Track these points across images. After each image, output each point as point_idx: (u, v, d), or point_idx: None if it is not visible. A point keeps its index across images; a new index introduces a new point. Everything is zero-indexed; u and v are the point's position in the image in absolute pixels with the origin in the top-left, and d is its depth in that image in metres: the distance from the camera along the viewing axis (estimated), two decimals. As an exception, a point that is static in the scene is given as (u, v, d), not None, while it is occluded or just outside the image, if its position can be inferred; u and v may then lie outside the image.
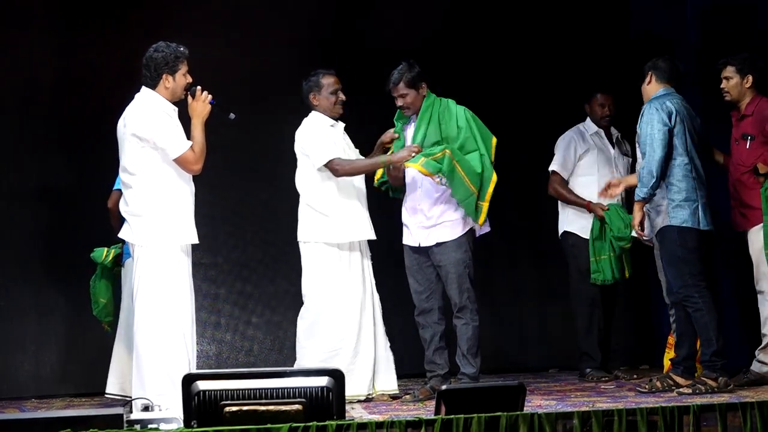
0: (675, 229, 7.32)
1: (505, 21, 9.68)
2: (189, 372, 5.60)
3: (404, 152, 7.51)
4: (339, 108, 7.68)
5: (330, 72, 7.70)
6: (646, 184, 7.30)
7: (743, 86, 7.68)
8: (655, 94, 7.47)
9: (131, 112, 6.76)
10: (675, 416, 5.49)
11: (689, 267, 7.30)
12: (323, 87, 7.67)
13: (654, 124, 7.32)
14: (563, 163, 8.61)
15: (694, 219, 7.31)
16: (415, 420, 5.31)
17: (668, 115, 7.33)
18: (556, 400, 7.23)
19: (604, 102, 8.67)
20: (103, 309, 7.86)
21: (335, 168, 7.51)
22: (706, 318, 7.26)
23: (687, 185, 7.33)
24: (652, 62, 7.54)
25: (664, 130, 7.29)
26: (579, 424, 5.39)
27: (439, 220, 7.58)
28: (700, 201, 7.33)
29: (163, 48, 6.78)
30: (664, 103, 7.37)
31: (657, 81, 7.51)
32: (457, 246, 7.56)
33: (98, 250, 7.82)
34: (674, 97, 7.46)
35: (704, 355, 7.30)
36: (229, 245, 9.25)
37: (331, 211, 7.56)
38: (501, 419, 5.26)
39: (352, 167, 7.55)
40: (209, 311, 9.13)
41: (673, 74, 7.52)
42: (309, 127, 7.67)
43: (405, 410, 7.02)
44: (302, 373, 5.46)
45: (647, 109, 7.40)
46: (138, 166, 6.70)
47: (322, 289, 7.54)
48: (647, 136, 7.32)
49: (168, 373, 6.49)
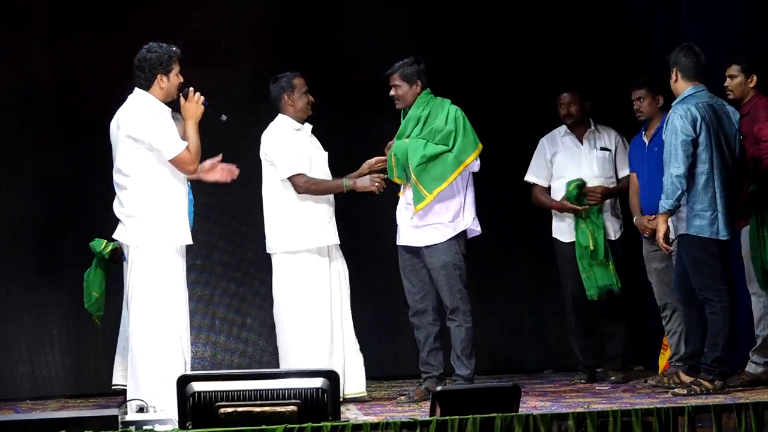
0: (694, 238, 7.28)
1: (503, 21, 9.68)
2: (184, 373, 5.59)
3: (367, 181, 7.55)
4: (309, 110, 7.69)
5: (297, 73, 7.70)
6: (671, 197, 7.22)
7: (747, 85, 7.69)
8: (683, 93, 7.36)
9: (125, 113, 6.76)
10: (670, 417, 5.49)
11: (709, 270, 7.28)
12: (296, 87, 7.66)
13: (678, 134, 7.22)
14: (535, 171, 8.56)
15: (712, 229, 7.24)
16: (411, 421, 5.31)
17: (693, 124, 7.22)
18: (551, 401, 7.23)
19: (565, 101, 8.52)
20: (95, 303, 7.82)
21: (298, 185, 7.51)
22: (719, 324, 7.24)
23: (707, 195, 7.25)
24: (675, 57, 7.42)
25: (688, 141, 7.20)
26: (574, 425, 5.39)
27: (429, 222, 7.58)
28: (720, 211, 7.24)
29: (156, 48, 6.78)
30: (689, 109, 7.25)
31: (684, 79, 7.39)
32: (447, 248, 7.56)
33: (98, 241, 7.77)
34: (701, 97, 7.33)
35: (706, 358, 7.30)
36: (223, 247, 9.25)
37: (296, 219, 7.54)
38: (496, 420, 5.26)
39: (316, 187, 7.54)
40: (203, 313, 9.12)
41: (698, 69, 7.39)
42: (275, 133, 7.65)
43: (400, 411, 7.02)
44: (297, 374, 5.46)
45: (672, 116, 7.29)
46: (133, 168, 6.69)
47: (292, 296, 7.53)
48: (671, 146, 7.23)
49: (163, 374, 6.48)
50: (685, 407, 5.54)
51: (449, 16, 9.58)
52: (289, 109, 7.68)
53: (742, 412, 5.57)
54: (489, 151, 7.77)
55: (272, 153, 7.59)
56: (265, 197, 7.67)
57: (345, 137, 8.04)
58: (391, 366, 9.18)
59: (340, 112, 8.19)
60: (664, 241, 7.35)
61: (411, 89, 7.62)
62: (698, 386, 7.18)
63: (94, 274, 7.80)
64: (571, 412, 5.45)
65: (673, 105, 7.38)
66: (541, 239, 8.98)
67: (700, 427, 5.56)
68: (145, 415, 5.62)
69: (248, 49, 9.28)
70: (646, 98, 8.10)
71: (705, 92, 7.38)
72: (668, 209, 7.26)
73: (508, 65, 9.60)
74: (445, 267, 7.55)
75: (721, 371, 7.23)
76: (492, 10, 9.65)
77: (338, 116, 8.74)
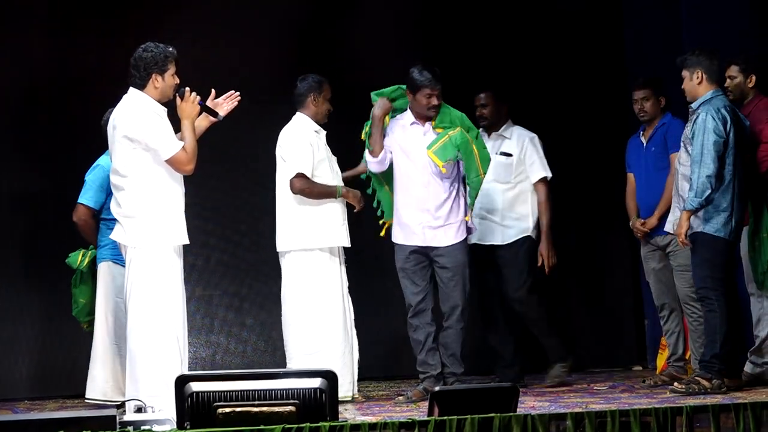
0: (708, 237, 7.27)
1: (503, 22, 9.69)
2: (182, 373, 5.59)
3: (357, 197, 7.61)
4: (326, 118, 7.72)
5: (327, 80, 7.73)
6: (699, 195, 7.19)
7: (746, 86, 7.67)
8: (706, 95, 7.34)
9: (120, 113, 6.74)
10: (668, 417, 5.50)
11: (713, 271, 7.28)
12: (324, 92, 7.69)
13: (709, 134, 7.19)
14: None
15: (726, 230, 7.23)
16: (409, 421, 5.31)
17: (724, 125, 7.21)
18: (549, 401, 7.23)
19: (479, 102, 8.37)
20: (82, 309, 7.82)
21: (294, 185, 7.52)
22: (717, 321, 7.24)
23: (725, 196, 7.24)
24: (696, 59, 7.38)
25: (720, 142, 7.19)
26: (572, 425, 5.40)
27: (447, 221, 7.58)
28: (735, 213, 7.25)
29: (152, 48, 6.77)
30: (719, 109, 7.24)
31: (708, 81, 7.37)
32: (462, 248, 7.59)
33: (73, 256, 7.76)
34: (724, 100, 7.34)
35: (704, 355, 7.30)
36: (222, 247, 9.25)
37: (312, 217, 7.55)
38: (494, 420, 5.27)
39: (310, 190, 7.54)
40: (202, 314, 9.12)
41: (720, 74, 7.40)
42: (294, 131, 7.66)
43: (398, 411, 7.02)
44: (295, 374, 5.47)
45: (702, 114, 7.25)
46: (130, 168, 6.68)
47: (303, 295, 7.55)
48: (701, 145, 7.21)
49: (161, 374, 6.47)
50: (683, 407, 5.55)
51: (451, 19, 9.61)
52: (311, 109, 7.68)
53: (740, 412, 5.58)
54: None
55: (288, 150, 7.59)
56: (279, 195, 7.66)
57: (346, 139, 8.02)
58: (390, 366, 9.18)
59: (342, 113, 8.18)
60: (684, 238, 7.32)
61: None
62: (696, 384, 7.17)
63: (79, 285, 7.79)
64: (569, 412, 5.45)
65: (697, 106, 7.32)
66: (538, 240, 8.97)
67: (699, 427, 5.56)
68: (143, 415, 5.63)
69: (249, 49, 9.26)
70: (650, 99, 8.06)
71: (724, 97, 7.40)
72: (695, 207, 7.25)
73: (507, 66, 9.59)
74: (462, 266, 7.56)
75: (719, 369, 7.23)
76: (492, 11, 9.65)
77: (339, 118, 8.71)
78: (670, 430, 5.48)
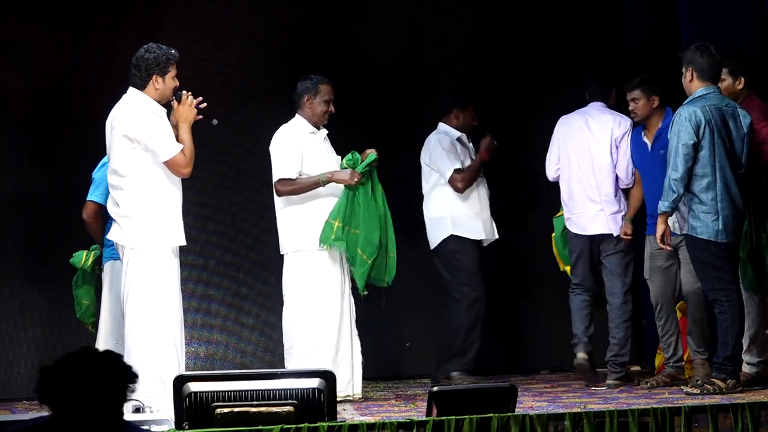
0: (693, 238, 7.27)
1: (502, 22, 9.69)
2: (180, 373, 5.59)
3: (347, 175, 7.51)
4: (325, 119, 7.68)
5: (328, 80, 7.70)
6: (667, 198, 7.21)
7: (735, 87, 7.65)
8: (694, 93, 7.30)
9: (120, 113, 6.74)
10: (666, 417, 5.50)
11: (715, 271, 7.26)
12: (320, 93, 7.65)
13: (680, 137, 7.17)
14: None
15: (711, 231, 7.20)
16: (407, 421, 5.32)
17: (696, 128, 7.16)
18: (547, 401, 7.23)
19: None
20: (86, 311, 7.81)
21: (277, 190, 7.53)
22: (728, 323, 7.23)
23: (707, 197, 7.21)
24: (690, 55, 7.34)
25: (689, 145, 7.15)
26: (570, 425, 5.40)
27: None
28: (720, 214, 7.19)
29: (154, 49, 6.77)
30: (695, 112, 7.18)
31: (699, 79, 7.31)
32: None
33: (77, 255, 7.75)
34: (711, 99, 7.26)
35: (717, 357, 7.28)
36: (221, 246, 9.23)
37: (310, 218, 7.54)
38: (492, 421, 5.27)
39: (292, 188, 7.52)
40: (201, 313, 9.10)
41: (714, 70, 7.32)
42: (285, 135, 7.63)
43: (397, 412, 7.02)
44: (294, 374, 5.48)
45: (677, 118, 7.24)
46: (128, 168, 6.67)
47: (301, 294, 7.54)
48: (672, 148, 7.21)
49: (159, 374, 6.47)
50: (681, 407, 5.56)
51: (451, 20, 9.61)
52: (306, 111, 7.67)
53: (738, 412, 5.59)
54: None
55: (272, 154, 7.60)
56: (276, 197, 7.66)
57: (347, 139, 8.01)
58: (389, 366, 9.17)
59: (342, 113, 8.18)
60: (661, 242, 7.36)
61: None
62: (711, 385, 7.16)
63: (82, 286, 7.79)
64: (567, 412, 5.46)
65: (683, 105, 7.34)
66: (536, 240, 8.98)
67: (697, 427, 5.57)
68: (141, 415, 5.63)
69: (250, 50, 9.26)
70: (641, 99, 8.04)
71: (716, 94, 7.32)
72: (664, 211, 7.27)
73: (507, 66, 9.60)
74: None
75: (733, 369, 7.23)
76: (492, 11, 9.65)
77: (342, 120, 8.70)
78: (669, 431, 5.49)
